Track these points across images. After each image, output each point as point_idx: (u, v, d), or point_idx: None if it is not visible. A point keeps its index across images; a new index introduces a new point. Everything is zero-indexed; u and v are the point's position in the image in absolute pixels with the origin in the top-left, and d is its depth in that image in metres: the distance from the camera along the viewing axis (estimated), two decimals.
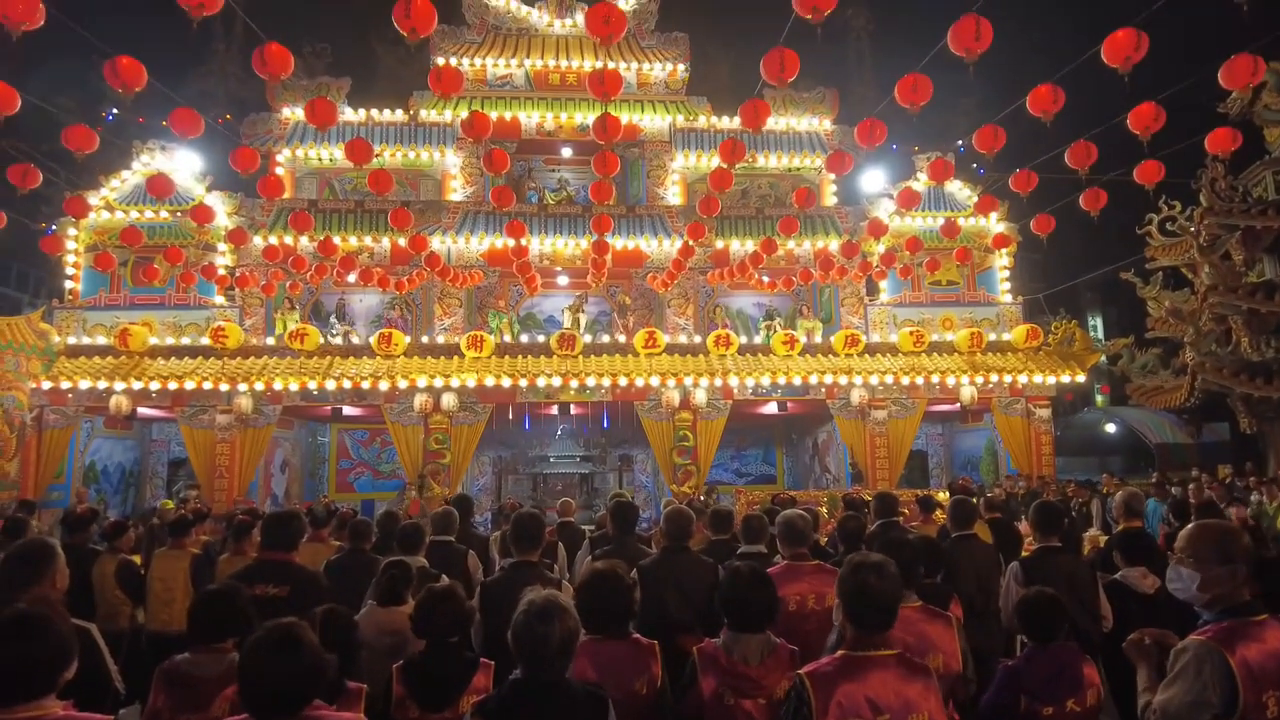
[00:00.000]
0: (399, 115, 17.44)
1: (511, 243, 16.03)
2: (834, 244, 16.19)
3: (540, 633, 2.29)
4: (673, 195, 17.43)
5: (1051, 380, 15.45)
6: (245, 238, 13.29)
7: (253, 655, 2.12)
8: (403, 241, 15.53)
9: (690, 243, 11.62)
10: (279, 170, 16.69)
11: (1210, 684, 2.21)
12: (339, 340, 15.64)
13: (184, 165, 15.84)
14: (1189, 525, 2.59)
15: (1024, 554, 5.11)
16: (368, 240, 16.09)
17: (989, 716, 3.39)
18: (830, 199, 17.87)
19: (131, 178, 15.69)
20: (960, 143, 19.85)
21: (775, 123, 17.91)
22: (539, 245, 15.94)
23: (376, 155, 16.62)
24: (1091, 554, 8.44)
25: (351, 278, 14.45)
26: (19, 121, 7.56)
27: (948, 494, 10.27)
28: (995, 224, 16.40)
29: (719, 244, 16.00)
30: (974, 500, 6.21)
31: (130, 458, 16.52)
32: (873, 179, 18.84)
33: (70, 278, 15.49)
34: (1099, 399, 30.53)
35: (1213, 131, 8.19)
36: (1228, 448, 16.52)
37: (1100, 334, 32.56)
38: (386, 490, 17.73)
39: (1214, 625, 2.31)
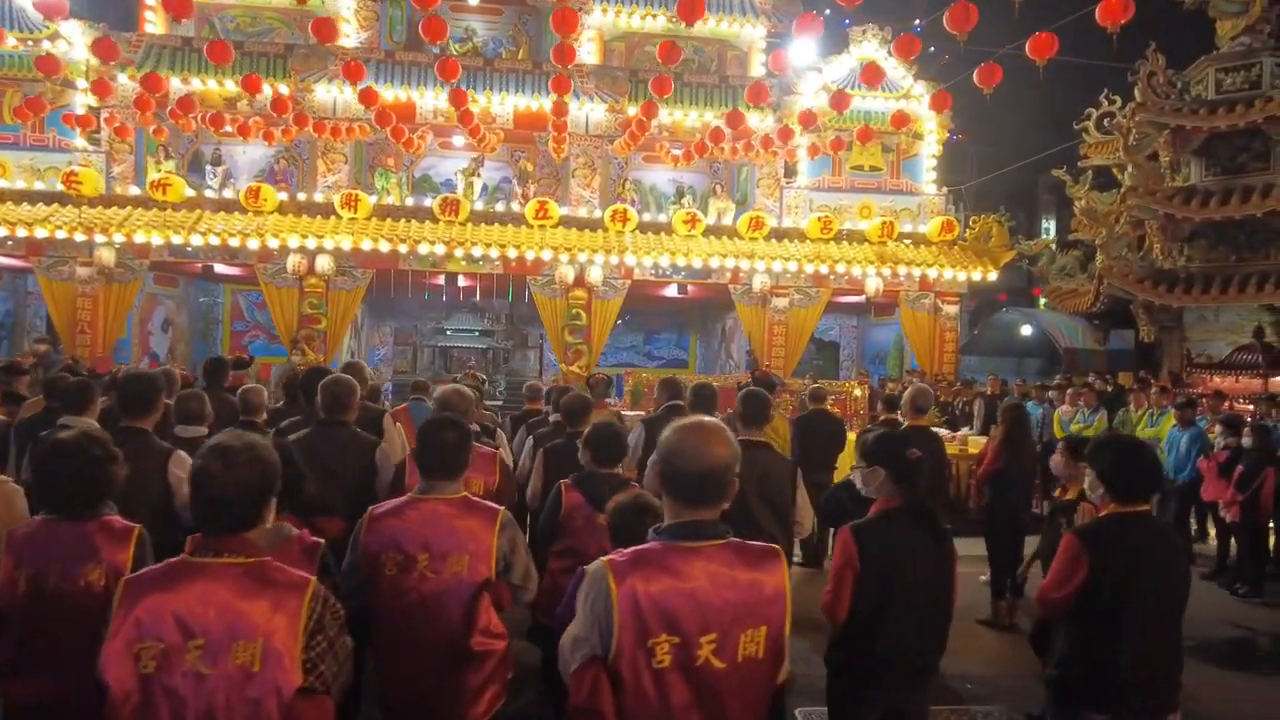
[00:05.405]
0: None
1: (403, 96, 15.00)
2: (755, 119, 15.14)
3: None
4: (587, 54, 16.08)
5: (962, 276, 14.93)
6: (57, 67, 11.77)
7: None
8: (284, 89, 14.35)
9: (561, 99, 10.59)
10: (150, 1, 15.09)
11: (594, 617, 1.74)
12: (213, 194, 14.57)
13: None
14: None
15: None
16: None
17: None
18: (758, 69, 16.66)
19: None
20: (918, 22, 18.49)
21: None
22: (433, 100, 14.75)
23: None
24: None
25: (229, 128, 13.31)
26: None
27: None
28: (926, 110, 15.39)
29: (631, 110, 14.89)
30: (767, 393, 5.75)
31: (1, 309, 15.69)
32: (803, 50, 17.47)
33: None
34: (1041, 303, 30.27)
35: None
36: (1131, 355, 16.33)
37: (1052, 236, 31.98)
38: (282, 355, 17.12)
39: (636, 547, 1.82)
